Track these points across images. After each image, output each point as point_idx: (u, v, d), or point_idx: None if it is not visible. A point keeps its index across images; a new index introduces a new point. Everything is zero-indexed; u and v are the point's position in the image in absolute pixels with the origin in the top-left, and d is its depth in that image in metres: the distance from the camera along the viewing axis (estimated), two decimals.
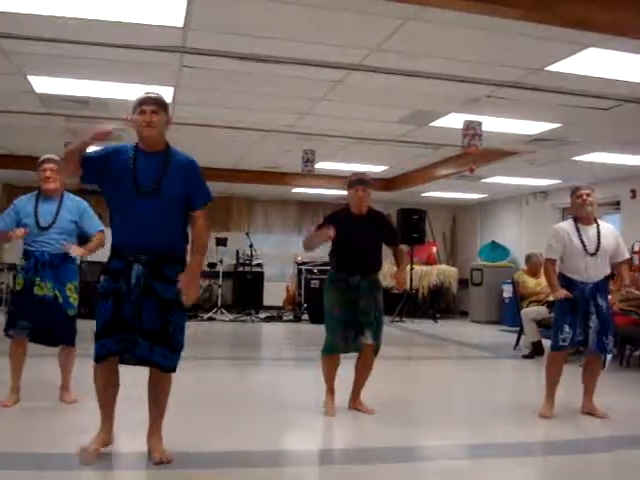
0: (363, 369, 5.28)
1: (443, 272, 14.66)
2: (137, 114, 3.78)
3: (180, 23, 5.18)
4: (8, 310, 5.15)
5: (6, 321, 5.09)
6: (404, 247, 5.48)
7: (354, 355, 5.27)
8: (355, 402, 5.32)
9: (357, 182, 5.26)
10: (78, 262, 5.48)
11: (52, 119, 8.67)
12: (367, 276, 5.20)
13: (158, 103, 3.81)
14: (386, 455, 4.27)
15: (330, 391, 5.25)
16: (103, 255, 5.15)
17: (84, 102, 7.63)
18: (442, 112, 7.71)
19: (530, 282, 9.38)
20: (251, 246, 13.71)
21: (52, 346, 5.14)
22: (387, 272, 10.50)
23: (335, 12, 4.92)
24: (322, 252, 5.94)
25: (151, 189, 3.72)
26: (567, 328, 5.24)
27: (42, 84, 7.09)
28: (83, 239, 5.26)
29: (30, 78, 6.87)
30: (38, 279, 4.96)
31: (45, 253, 4.99)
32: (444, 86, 6.50)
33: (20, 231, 4.94)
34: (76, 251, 5.09)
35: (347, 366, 5.31)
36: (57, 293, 4.99)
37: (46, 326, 4.99)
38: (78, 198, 5.29)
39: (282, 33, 5.35)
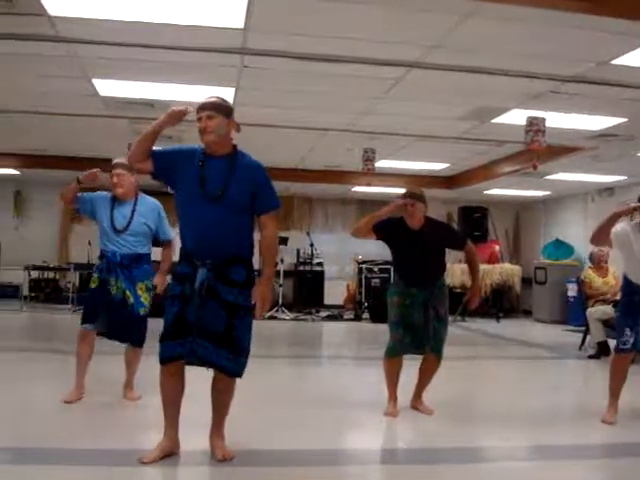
0: (425, 374, 5.25)
1: (506, 271, 14.43)
2: (197, 121, 3.80)
3: (241, 24, 5.23)
4: (84, 305, 5.26)
5: (82, 314, 5.20)
6: (472, 245, 5.34)
7: (418, 357, 5.24)
8: (416, 401, 5.31)
9: (406, 196, 5.20)
10: None
11: (116, 121, 8.85)
12: (427, 287, 5.15)
13: (215, 108, 3.79)
14: (448, 455, 4.23)
15: (392, 393, 5.22)
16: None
17: (149, 104, 7.77)
18: (504, 108, 7.60)
19: (597, 281, 9.17)
20: (312, 245, 13.76)
21: (122, 342, 5.25)
22: (450, 270, 10.41)
23: (394, 10, 4.90)
24: (382, 250, 5.88)
25: (217, 195, 3.72)
26: (628, 331, 5.09)
27: (106, 87, 7.24)
28: (154, 242, 5.39)
29: (94, 81, 7.03)
30: (112, 279, 5.07)
31: (117, 254, 5.09)
32: (506, 82, 6.40)
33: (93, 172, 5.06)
34: (160, 285, 5.24)
35: (410, 367, 5.28)
36: (127, 293, 5.08)
37: (117, 324, 5.09)
38: (152, 200, 5.36)
39: (342, 32, 5.35)
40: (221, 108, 3.81)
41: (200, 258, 3.75)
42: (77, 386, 5.19)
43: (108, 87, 7.25)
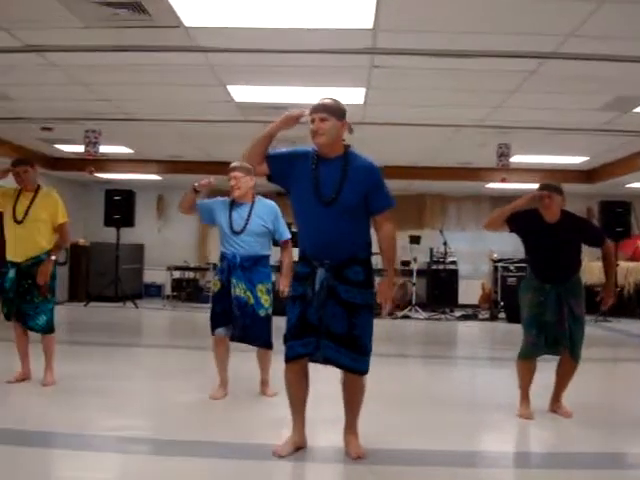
0: (562, 377, 5.06)
1: None
2: (310, 123, 3.81)
3: (370, 25, 5.24)
4: (211, 310, 5.40)
5: (210, 321, 5.36)
6: (610, 244, 5.09)
7: (555, 358, 5.07)
8: (554, 405, 5.12)
9: (542, 188, 5.02)
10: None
11: (250, 126, 9.09)
12: (561, 284, 4.96)
13: (327, 110, 3.78)
14: (585, 460, 4.08)
15: (525, 396, 5.07)
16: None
17: (283, 108, 7.92)
18: None
19: None
20: (445, 243, 13.60)
21: (250, 344, 5.36)
22: (588, 267, 9.99)
23: (526, 1, 4.76)
24: (518, 248, 5.72)
25: (330, 199, 3.73)
26: None
27: (241, 93, 7.46)
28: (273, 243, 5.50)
29: (230, 88, 7.25)
30: (234, 280, 5.19)
31: (237, 255, 5.20)
32: None
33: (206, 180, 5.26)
34: (285, 288, 5.25)
35: (544, 369, 5.12)
36: (249, 294, 5.19)
37: (243, 325, 5.20)
38: (269, 201, 5.47)
39: (472, 26, 5.26)
40: (334, 110, 3.80)
41: (317, 259, 3.79)
42: (221, 383, 5.38)
43: (243, 93, 7.46)
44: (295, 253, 4.56)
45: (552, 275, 4.95)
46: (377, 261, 5.23)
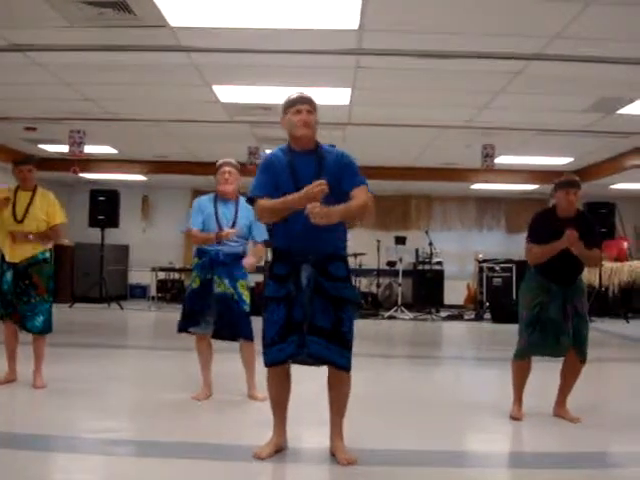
0: (567, 377, 4.99)
1: (635, 269, 13.78)
2: (291, 114, 3.80)
3: (355, 25, 5.25)
4: (186, 307, 5.36)
5: (181, 318, 5.33)
6: (597, 252, 4.98)
7: (553, 360, 5.05)
8: (559, 409, 5.05)
9: (568, 184, 4.93)
10: None
11: (236, 126, 9.09)
12: (568, 284, 4.92)
13: (312, 103, 3.83)
14: (574, 460, 4.09)
15: (518, 396, 5.05)
16: None
17: (268, 108, 7.93)
18: (630, 98, 7.26)
19: None
20: (430, 244, 13.62)
21: (233, 340, 5.32)
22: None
23: (512, 2, 4.78)
24: (504, 248, 5.69)
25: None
26: None
27: (226, 93, 7.44)
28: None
29: (215, 88, 7.23)
30: (216, 277, 5.18)
31: (220, 253, 5.18)
32: (633, 71, 6.11)
33: (228, 232, 5.14)
34: (250, 265, 5.26)
35: (539, 368, 5.12)
36: (232, 290, 5.18)
37: (226, 322, 5.19)
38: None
39: (457, 27, 5.28)
40: (316, 105, 3.87)
41: (301, 255, 3.75)
42: (205, 385, 5.35)
43: (228, 93, 7.45)
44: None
45: (561, 275, 4.85)
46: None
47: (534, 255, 4.91)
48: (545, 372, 5.19)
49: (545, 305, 4.84)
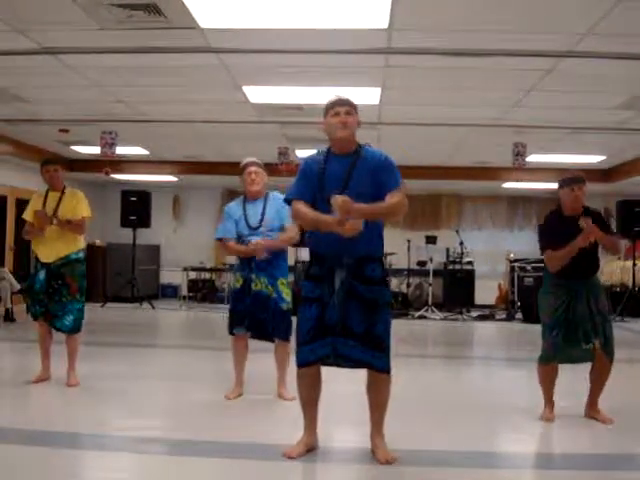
0: (597, 378, 4.91)
1: None
2: (330, 117, 3.82)
3: (385, 25, 5.23)
4: (230, 309, 5.40)
5: (229, 320, 5.36)
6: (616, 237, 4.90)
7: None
8: (591, 410, 4.98)
9: (572, 181, 4.85)
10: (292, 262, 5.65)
11: (266, 126, 9.12)
12: (585, 280, 4.88)
13: (351, 105, 3.84)
14: (609, 461, 4.03)
15: (548, 398, 4.99)
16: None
17: (298, 108, 7.94)
18: None
19: None
20: (461, 243, 13.54)
21: (268, 341, 5.34)
22: (607, 267, 9.90)
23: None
24: (536, 248, 5.60)
25: (337, 193, 3.62)
26: None
27: (256, 94, 7.47)
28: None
29: (245, 89, 7.26)
30: (254, 275, 5.20)
31: None
32: None
33: (256, 243, 5.12)
34: (255, 244, 5.13)
35: (565, 372, 5.07)
36: (270, 288, 5.20)
37: (262, 321, 5.21)
38: (280, 195, 5.40)
39: (488, 25, 5.23)
40: (355, 107, 3.87)
41: (335, 258, 3.76)
42: (237, 384, 5.37)
43: (258, 94, 7.47)
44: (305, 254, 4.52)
45: (574, 271, 4.80)
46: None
47: (556, 260, 4.81)
48: (575, 372, 5.12)
49: (570, 305, 4.79)
